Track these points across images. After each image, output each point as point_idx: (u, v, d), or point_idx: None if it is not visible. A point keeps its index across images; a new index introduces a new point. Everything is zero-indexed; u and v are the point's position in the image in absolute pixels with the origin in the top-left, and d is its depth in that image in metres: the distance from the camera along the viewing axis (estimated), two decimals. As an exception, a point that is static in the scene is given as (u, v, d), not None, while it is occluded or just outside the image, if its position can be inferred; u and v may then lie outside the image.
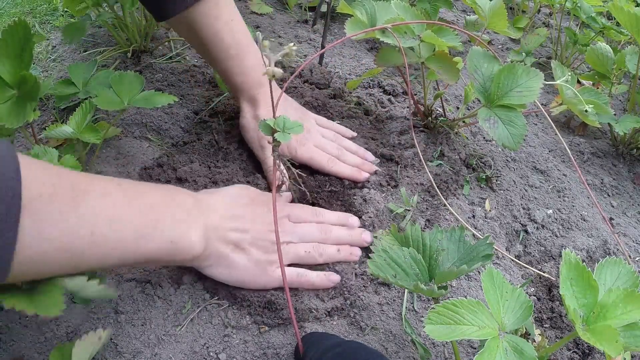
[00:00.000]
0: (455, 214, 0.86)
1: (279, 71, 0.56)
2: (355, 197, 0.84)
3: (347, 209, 0.83)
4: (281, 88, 0.62)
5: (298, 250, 0.71)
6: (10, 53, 0.67)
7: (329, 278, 0.71)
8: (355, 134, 0.97)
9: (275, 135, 0.62)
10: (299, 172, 0.75)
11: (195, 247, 0.61)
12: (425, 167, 0.88)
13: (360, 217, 0.81)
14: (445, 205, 0.87)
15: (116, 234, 0.52)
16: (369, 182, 0.88)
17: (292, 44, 0.63)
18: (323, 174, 0.87)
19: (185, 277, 0.71)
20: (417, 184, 0.91)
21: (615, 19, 1.04)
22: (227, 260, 0.65)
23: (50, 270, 0.50)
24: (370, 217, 0.81)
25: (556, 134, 1.17)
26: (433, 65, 0.89)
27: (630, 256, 0.89)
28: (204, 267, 0.66)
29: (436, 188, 0.87)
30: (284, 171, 0.74)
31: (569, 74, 0.90)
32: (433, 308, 0.52)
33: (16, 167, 0.44)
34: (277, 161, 0.64)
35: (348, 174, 0.86)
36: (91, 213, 0.49)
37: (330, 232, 0.74)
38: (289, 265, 0.71)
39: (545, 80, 0.84)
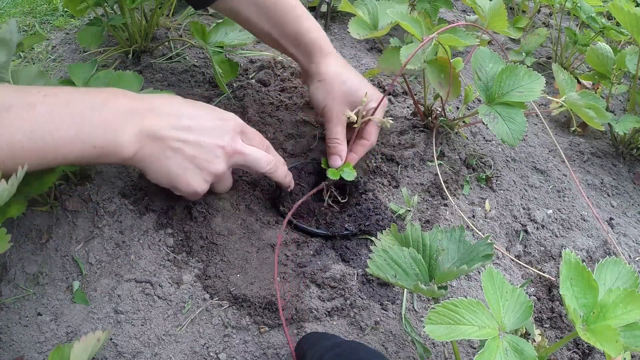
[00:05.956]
0: (456, 213, 0.86)
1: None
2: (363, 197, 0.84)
3: (356, 210, 0.83)
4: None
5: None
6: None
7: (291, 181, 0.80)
8: None
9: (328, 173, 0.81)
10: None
11: (124, 151, 0.63)
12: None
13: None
14: (445, 205, 0.87)
15: (35, 144, 0.57)
16: (372, 182, 0.88)
17: (390, 118, 0.82)
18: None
19: (185, 277, 0.71)
20: (417, 184, 0.91)
21: (615, 19, 1.04)
22: (162, 160, 0.66)
23: None
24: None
25: (556, 134, 1.18)
26: (433, 76, 0.87)
27: (630, 256, 0.89)
28: (141, 168, 0.66)
29: (443, 185, 0.87)
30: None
31: (569, 74, 0.90)
32: (433, 308, 0.52)
33: None
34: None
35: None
36: (10, 127, 0.56)
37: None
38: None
39: (545, 80, 0.85)
